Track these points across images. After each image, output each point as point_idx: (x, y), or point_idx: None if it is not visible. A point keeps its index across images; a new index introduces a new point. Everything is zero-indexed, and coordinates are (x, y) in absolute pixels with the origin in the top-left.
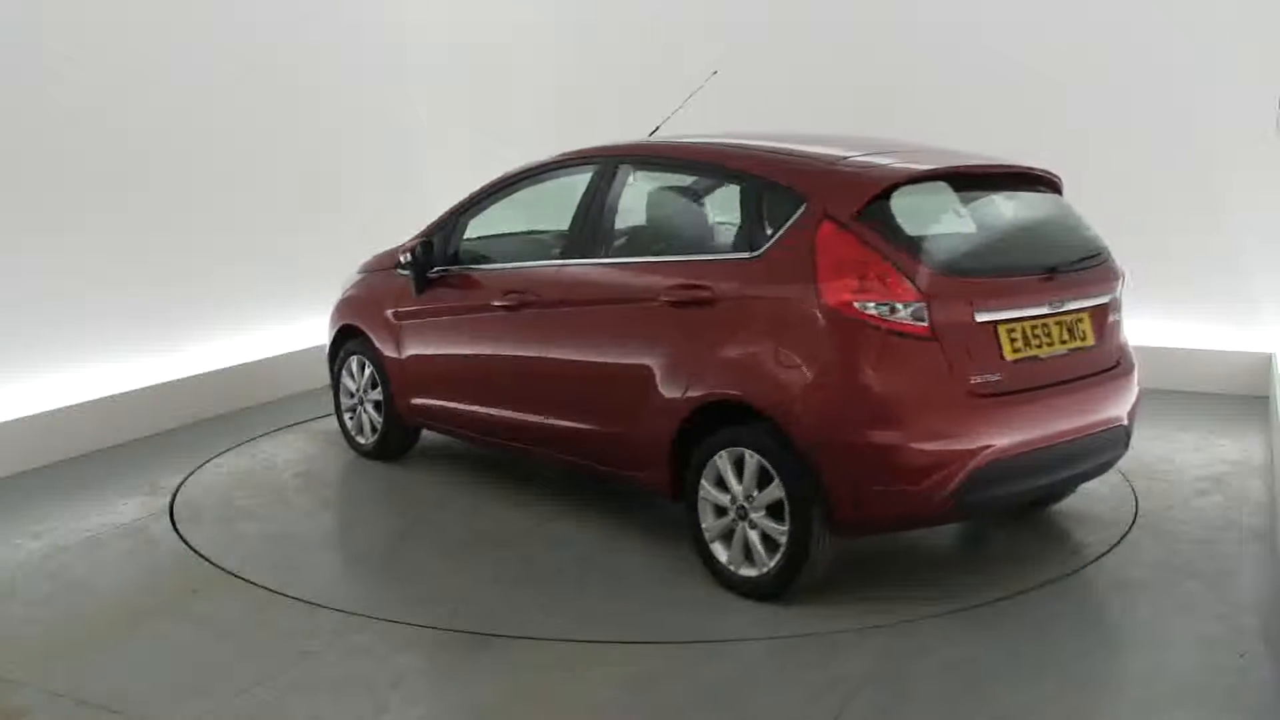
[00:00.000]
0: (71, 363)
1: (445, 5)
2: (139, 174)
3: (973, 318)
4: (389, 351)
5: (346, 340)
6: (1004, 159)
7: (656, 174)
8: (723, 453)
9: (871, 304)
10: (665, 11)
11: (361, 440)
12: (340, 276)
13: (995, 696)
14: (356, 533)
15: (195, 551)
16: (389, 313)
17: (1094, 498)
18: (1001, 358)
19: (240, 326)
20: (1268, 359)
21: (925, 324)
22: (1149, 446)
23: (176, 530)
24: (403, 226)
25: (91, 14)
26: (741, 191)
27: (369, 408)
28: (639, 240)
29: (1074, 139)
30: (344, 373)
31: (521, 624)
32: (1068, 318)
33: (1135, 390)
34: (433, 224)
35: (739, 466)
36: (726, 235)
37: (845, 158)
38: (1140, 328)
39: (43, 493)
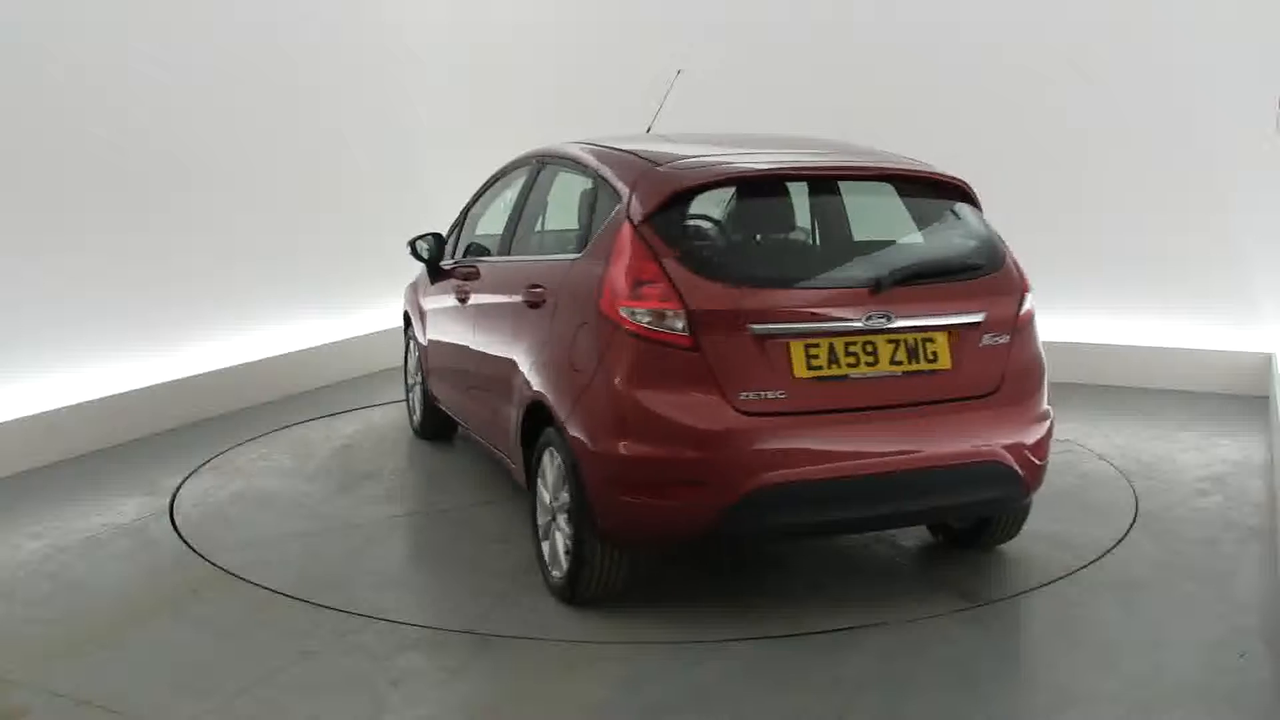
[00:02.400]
0: (71, 363)
1: (445, 5)
2: (139, 174)
3: (747, 331)
4: (420, 337)
5: (408, 326)
6: (889, 161)
7: (560, 175)
8: (546, 453)
9: (641, 312)
10: (665, 11)
11: (413, 420)
12: (340, 276)
13: (995, 696)
14: (357, 532)
15: (195, 551)
16: (421, 301)
17: (1094, 498)
18: (790, 375)
19: (240, 326)
20: (1268, 359)
21: (688, 335)
22: (1149, 446)
23: (176, 530)
24: (403, 226)
25: (91, 14)
26: (584, 192)
27: (417, 390)
28: (528, 239)
29: (1074, 139)
30: (407, 356)
31: (521, 624)
32: (907, 336)
33: (1031, 424)
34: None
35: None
36: (574, 236)
37: (675, 158)
38: (1141, 328)
39: (43, 493)
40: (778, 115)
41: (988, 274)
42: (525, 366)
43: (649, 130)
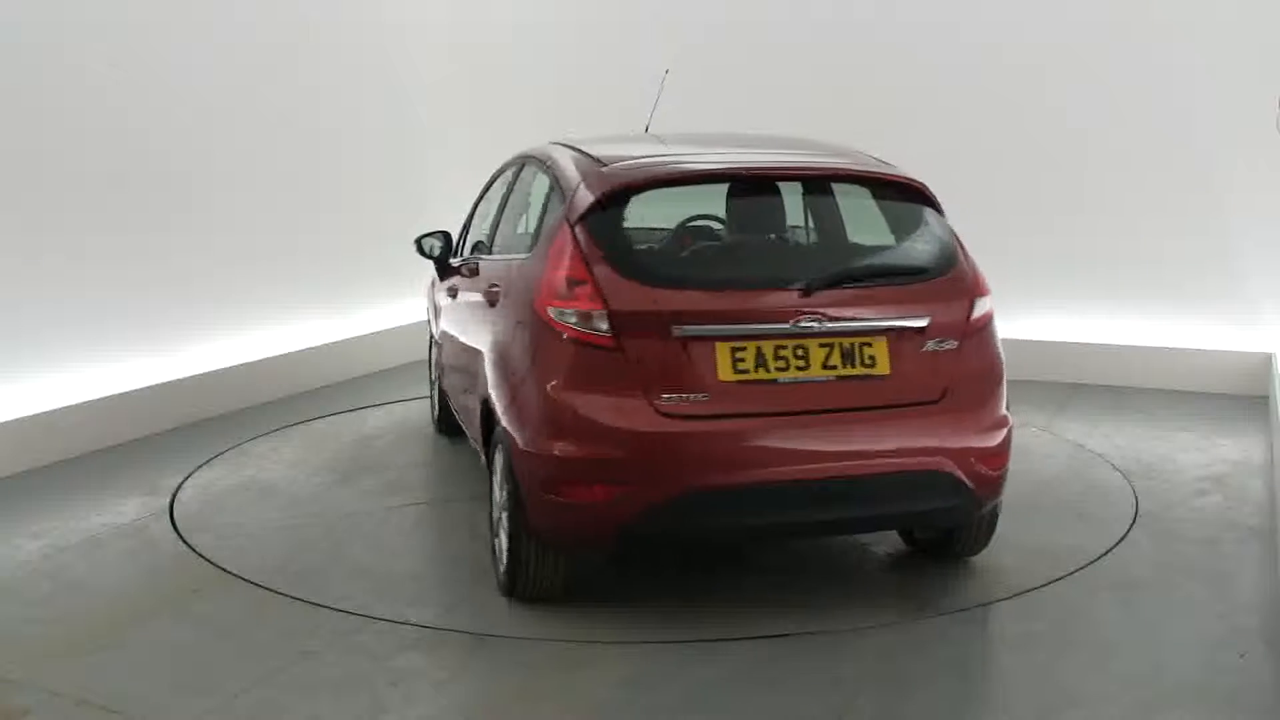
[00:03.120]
0: (71, 363)
1: (445, 5)
2: (139, 174)
3: (670, 333)
4: (435, 333)
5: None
6: (841, 162)
7: (537, 175)
8: (497, 449)
9: (569, 312)
10: (665, 11)
11: (433, 415)
12: (340, 276)
13: (995, 696)
14: (357, 532)
15: (195, 551)
16: (435, 298)
17: (1094, 498)
18: (714, 378)
19: (240, 327)
20: (1268, 359)
21: (610, 336)
22: (1149, 446)
23: (176, 530)
24: (403, 226)
25: (91, 14)
26: (544, 193)
27: (437, 385)
28: (506, 238)
29: (1074, 139)
30: (430, 351)
31: (521, 624)
32: (843, 340)
33: (981, 433)
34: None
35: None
36: (529, 236)
37: (623, 159)
38: (1141, 328)
39: (43, 493)
40: (778, 115)
41: (934, 277)
42: (481, 364)
43: (647, 130)
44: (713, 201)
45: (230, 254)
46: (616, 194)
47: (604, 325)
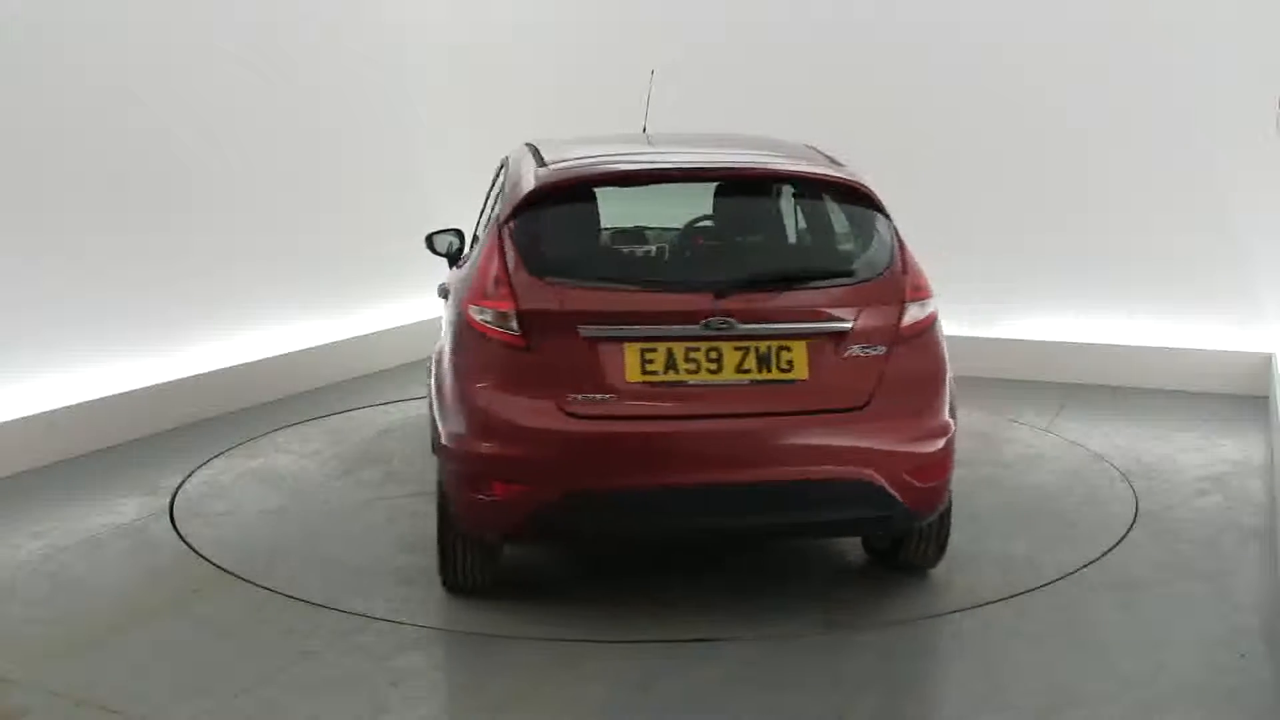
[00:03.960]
0: (71, 363)
1: (445, 5)
2: (138, 174)
3: (579, 333)
4: None
5: None
6: (778, 163)
7: (503, 175)
8: None
9: (487, 311)
10: (665, 11)
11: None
12: (341, 276)
13: (995, 696)
14: (357, 532)
15: (195, 551)
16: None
17: (1094, 497)
18: (621, 380)
19: (240, 326)
20: (1268, 359)
21: (521, 336)
22: (1149, 446)
23: (176, 530)
24: (403, 227)
25: (91, 14)
26: (498, 193)
27: None
28: (477, 238)
29: (1074, 139)
30: None
31: (521, 624)
32: (759, 344)
33: (911, 442)
34: None
35: None
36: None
37: (565, 159)
38: (1141, 328)
39: (43, 493)
40: (778, 115)
41: (861, 281)
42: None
43: (644, 130)
44: (663, 202)
45: (230, 254)
46: (543, 195)
47: (514, 325)
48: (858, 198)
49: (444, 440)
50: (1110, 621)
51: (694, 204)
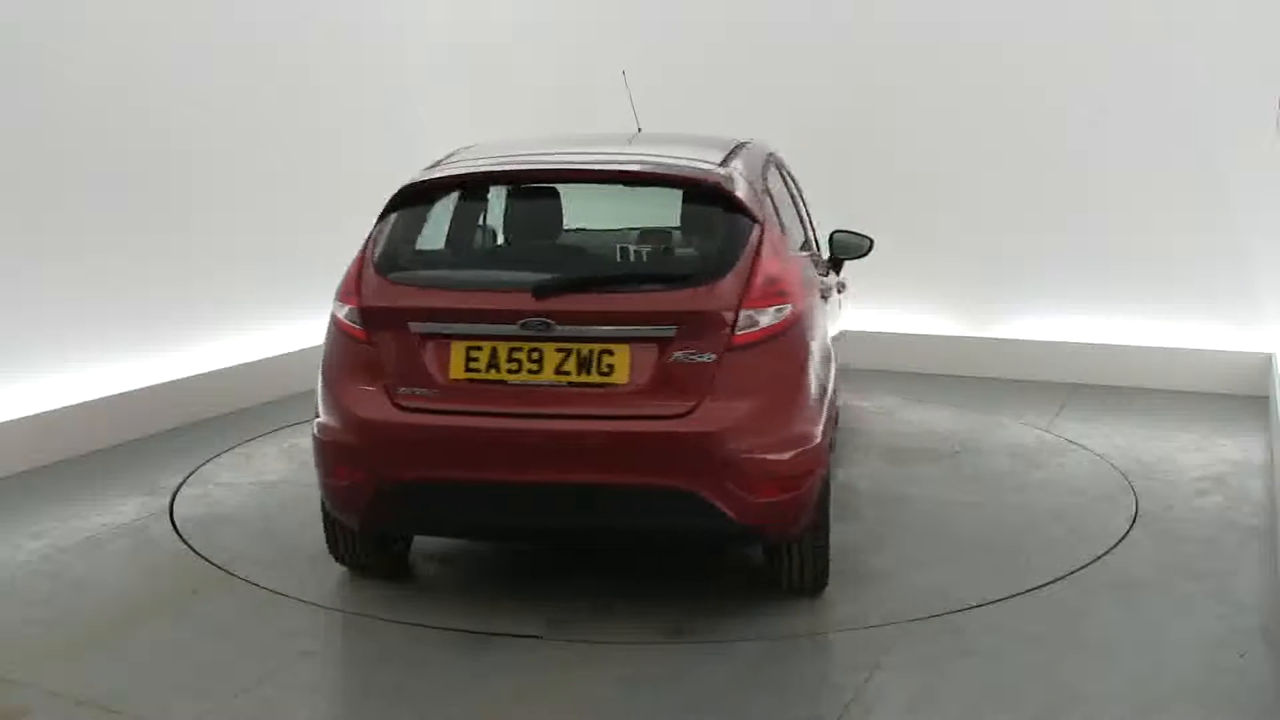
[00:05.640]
0: (71, 363)
1: (445, 5)
2: (139, 174)
3: (409, 329)
4: None
5: None
6: (638, 164)
7: None
8: None
9: (342, 306)
10: (665, 11)
11: None
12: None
13: (995, 696)
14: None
15: (195, 551)
16: None
17: (1094, 498)
18: (446, 376)
19: (240, 326)
20: (1268, 359)
21: (362, 330)
22: (1149, 446)
23: (176, 530)
24: None
25: (91, 14)
26: None
27: None
28: None
29: (1074, 139)
30: None
31: (521, 624)
32: (580, 346)
33: (742, 454)
34: None
35: None
36: None
37: (456, 161)
38: (1140, 328)
39: (43, 493)
40: (778, 115)
41: (692, 285)
42: None
43: (639, 130)
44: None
45: (230, 254)
46: (406, 196)
47: (357, 320)
48: (719, 199)
49: (313, 427)
50: (1110, 621)
51: (590, 205)
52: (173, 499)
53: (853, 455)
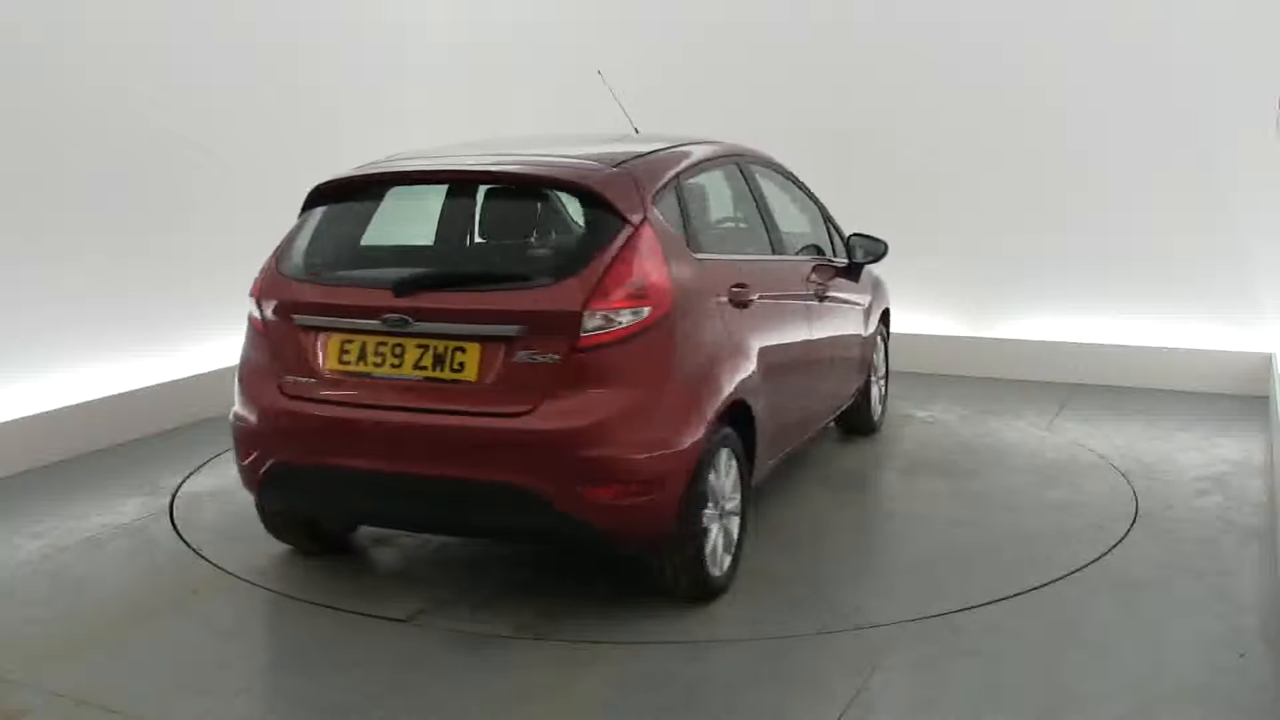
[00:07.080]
0: (71, 363)
1: (445, 5)
2: (139, 174)
3: (293, 321)
4: None
5: None
6: (517, 165)
7: None
8: None
9: (251, 300)
10: (665, 11)
11: None
12: None
13: (995, 696)
14: (356, 532)
15: (195, 551)
16: None
17: (1093, 497)
18: (321, 366)
19: (240, 327)
20: (1268, 359)
21: (260, 322)
22: (1149, 446)
23: (176, 530)
24: None
25: (91, 14)
26: None
27: None
28: None
29: (1074, 138)
30: None
31: (521, 624)
32: (437, 343)
33: (582, 455)
34: None
35: None
36: None
37: (388, 160)
38: (1140, 328)
39: (43, 493)
40: (778, 115)
41: (538, 286)
42: None
43: (636, 130)
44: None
45: (230, 254)
46: (319, 194)
47: (255, 312)
48: (591, 200)
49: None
50: (1110, 621)
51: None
52: (173, 499)
53: (853, 455)
